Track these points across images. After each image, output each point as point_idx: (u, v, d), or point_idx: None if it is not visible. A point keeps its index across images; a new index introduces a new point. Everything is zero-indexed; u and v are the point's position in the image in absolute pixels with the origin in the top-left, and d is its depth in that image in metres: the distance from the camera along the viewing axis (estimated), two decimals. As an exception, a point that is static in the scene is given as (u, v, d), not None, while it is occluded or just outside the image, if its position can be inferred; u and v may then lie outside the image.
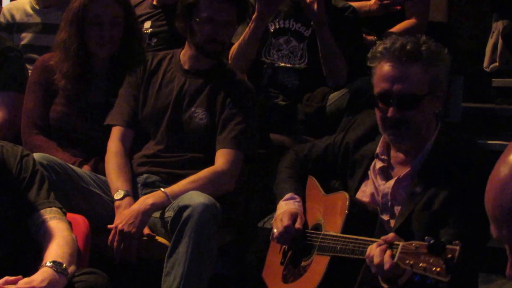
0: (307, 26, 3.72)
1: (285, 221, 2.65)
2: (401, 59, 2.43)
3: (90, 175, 3.13)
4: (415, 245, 2.10)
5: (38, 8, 4.04)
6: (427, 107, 2.45)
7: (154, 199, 2.95)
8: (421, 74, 2.42)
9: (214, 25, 3.15)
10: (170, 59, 3.34)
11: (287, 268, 2.73)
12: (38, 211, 2.45)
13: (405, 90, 2.42)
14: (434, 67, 2.44)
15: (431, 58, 2.43)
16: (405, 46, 2.43)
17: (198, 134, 3.18)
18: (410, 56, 2.42)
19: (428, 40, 2.48)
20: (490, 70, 5.60)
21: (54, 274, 2.21)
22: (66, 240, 2.37)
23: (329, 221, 2.61)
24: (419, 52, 2.43)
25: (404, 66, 2.42)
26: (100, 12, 3.27)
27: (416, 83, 2.42)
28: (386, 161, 2.58)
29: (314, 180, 2.81)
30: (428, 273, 2.01)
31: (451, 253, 1.99)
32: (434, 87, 2.45)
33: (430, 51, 2.44)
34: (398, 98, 2.43)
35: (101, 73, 3.39)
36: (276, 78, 3.74)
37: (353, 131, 2.75)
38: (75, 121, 3.31)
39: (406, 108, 2.43)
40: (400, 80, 2.43)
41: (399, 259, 2.13)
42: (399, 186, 2.51)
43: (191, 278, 2.79)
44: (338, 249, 2.43)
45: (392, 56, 2.44)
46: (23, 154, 2.55)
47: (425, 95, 2.43)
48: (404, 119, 2.44)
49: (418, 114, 2.44)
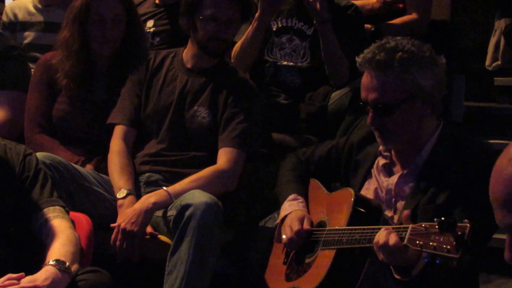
0: (309, 24, 3.72)
1: (295, 226, 2.66)
2: (374, 67, 2.46)
3: (92, 174, 3.13)
4: (425, 226, 2.12)
5: (41, 7, 4.04)
6: (405, 113, 2.46)
7: (157, 198, 2.96)
8: (395, 82, 2.44)
9: (217, 23, 3.15)
10: (172, 57, 3.34)
11: (290, 267, 2.74)
12: (41, 209, 2.46)
13: (378, 100, 2.46)
14: (410, 73, 2.43)
15: (405, 65, 2.43)
16: (375, 56, 2.45)
17: (201, 133, 3.18)
18: (380, 66, 2.45)
19: (405, 47, 2.46)
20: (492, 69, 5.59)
21: (57, 273, 2.22)
22: (69, 239, 2.37)
23: (334, 217, 2.62)
24: (390, 61, 2.43)
25: (377, 75, 2.46)
26: (102, 11, 3.28)
27: (389, 92, 2.44)
28: (388, 158, 2.59)
29: (317, 182, 2.82)
30: (439, 251, 2.04)
31: (462, 230, 2.02)
32: (414, 92, 2.45)
33: (404, 58, 2.44)
34: (372, 106, 2.48)
35: (103, 71, 3.39)
36: (278, 77, 3.75)
37: (357, 132, 2.77)
38: (77, 119, 3.32)
39: (380, 115, 2.47)
40: (374, 89, 2.47)
41: (409, 241, 2.14)
42: (403, 182, 2.52)
43: (193, 277, 2.79)
44: (344, 241, 2.44)
45: (368, 64, 2.48)
46: (26, 153, 2.56)
47: (402, 102, 2.44)
48: (381, 125, 2.49)
49: (394, 121, 2.47)
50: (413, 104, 2.46)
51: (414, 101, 2.46)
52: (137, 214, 2.91)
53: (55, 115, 3.35)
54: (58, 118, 3.34)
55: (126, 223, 2.90)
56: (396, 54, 2.44)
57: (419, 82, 2.44)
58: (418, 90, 2.45)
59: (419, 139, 2.52)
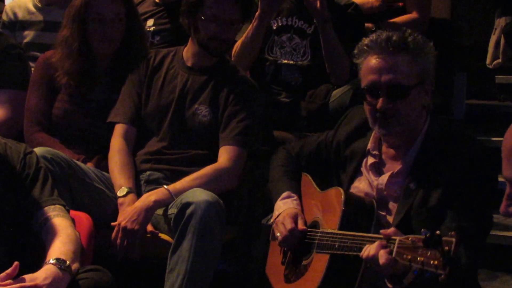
0: (309, 23, 3.72)
1: (288, 224, 2.64)
2: (387, 49, 2.43)
3: (94, 171, 3.13)
4: (412, 239, 2.09)
5: (41, 6, 4.05)
6: (415, 98, 2.45)
7: (157, 196, 2.95)
8: (408, 65, 2.42)
9: (218, 23, 3.15)
10: (173, 56, 3.33)
11: (288, 268, 2.73)
12: (42, 208, 2.45)
13: (393, 80, 2.42)
14: (422, 58, 2.44)
15: (418, 49, 2.43)
16: (391, 37, 2.43)
17: (201, 131, 3.17)
18: (397, 46, 2.43)
19: (413, 33, 2.47)
20: (493, 67, 5.59)
21: (57, 271, 2.21)
22: (69, 238, 2.36)
23: (326, 218, 2.60)
24: (406, 43, 2.43)
25: (391, 57, 2.43)
26: (102, 10, 3.27)
27: (404, 73, 2.42)
28: (377, 157, 2.57)
29: (308, 177, 2.81)
30: (426, 266, 2.00)
31: (447, 245, 1.98)
32: (423, 78, 2.45)
33: (416, 42, 2.44)
34: (387, 88, 2.43)
35: (103, 70, 3.39)
36: (279, 75, 3.75)
37: (343, 127, 2.74)
38: (77, 118, 3.31)
39: (395, 98, 2.43)
40: (388, 70, 2.42)
41: (397, 255, 2.12)
42: (393, 182, 2.50)
43: (195, 275, 2.78)
44: (337, 246, 2.42)
45: (379, 48, 2.44)
46: (27, 151, 2.55)
47: (414, 86, 2.43)
48: (394, 109, 2.44)
49: (407, 105, 2.43)
50: (421, 89, 2.45)
51: (422, 87, 2.45)
52: (138, 212, 2.91)
53: (55, 114, 3.34)
54: (58, 116, 3.34)
55: (126, 222, 2.89)
56: (407, 38, 2.44)
57: (428, 67, 2.45)
58: (425, 77, 2.45)
59: (413, 132, 2.49)
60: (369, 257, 2.22)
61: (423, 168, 2.44)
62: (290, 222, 2.65)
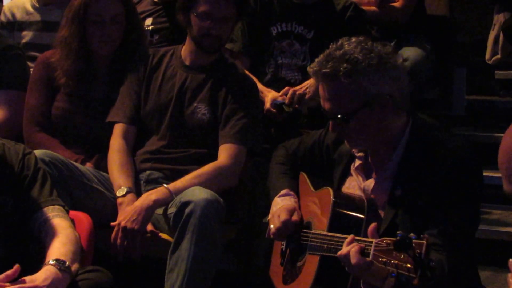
0: (309, 28, 3.71)
1: (282, 216, 2.63)
2: (321, 79, 2.40)
3: (92, 172, 3.12)
4: (386, 241, 2.05)
5: (38, 6, 4.04)
6: (364, 120, 2.39)
7: (157, 195, 2.95)
8: (343, 94, 2.37)
9: (212, 20, 3.14)
10: (171, 55, 3.33)
11: (286, 269, 2.73)
12: (41, 209, 2.45)
13: (332, 109, 2.40)
14: (357, 83, 2.35)
15: (351, 76, 2.34)
16: (321, 69, 2.38)
17: (201, 129, 3.17)
18: (327, 78, 2.38)
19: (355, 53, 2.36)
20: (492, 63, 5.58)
21: (57, 272, 2.21)
22: (69, 238, 2.36)
23: (317, 218, 2.60)
24: (336, 73, 2.35)
25: (326, 87, 2.40)
26: (102, 10, 3.27)
27: (340, 102, 2.38)
28: (362, 159, 2.55)
29: (304, 176, 2.80)
30: (400, 270, 1.97)
31: (419, 248, 1.95)
32: (367, 99, 2.36)
33: (349, 69, 2.34)
34: (330, 116, 2.43)
35: (102, 70, 3.39)
36: (279, 74, 3.74)
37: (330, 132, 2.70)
38: (77, 118, 3.31)
39: (338, 124, 2.42)
40: (326, 99, 2.41)
41: (374, 257, 2.08)
42: (380, 188, 2.47)
43: (195, 275, 2.78)
44: (325, 248, 2.40)
45: (315, 76, 2.43)
46: (25, 152, 2.54)
47: (356, 110, 2.37)
48: (342, 132, 2.44)
49: (355, 128, 2.40)
50: (370, 110, 2.38)
51: (371, 107, 2.37)
52: (138, 212, 2.90)
53: (54, 114, 3.34)
54: (57, 116, 3.33)
55: (126, 221, 2.89)
56: (341, 65, 2.36)
57: (370, 89, 2.35)
58: (371, 97, 2.36)
59: (390, 139, 2.44)
60: (341, 256, 2.18)
61: (407, 174, 2.40)
62: (286, 214, 2.63)
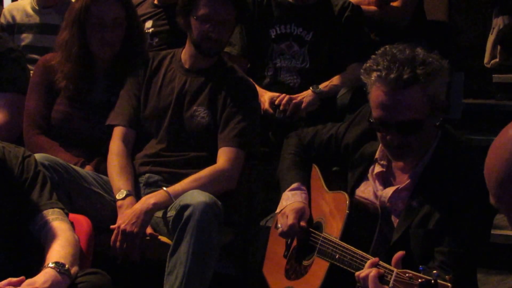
0: (308, 30, 3.71)
1: (290, 219, 2.62)
2: (396, 87, 2.29)
3: (92, 175, 3.13)
4: (409, 275, 2.03)
5: (38, 8, 4.04)
6: (428, 126, 2.36)
7: (156, 198, 2.95)
8: (419, 98, 2.31)
9: (211, 24, 3.15)
10: (171, 58, 3.33)
11: (290, 263, 2.72)
12: (41, 212, 2.45)
13: (403, 117, 2.31)
14: (432, 86, 2.32)
15: (428, 79, 2.30)
16: (401, 75, 2.28)
17: (200, 132, 3.17)
18: (406, 83, 2.29)
19: (425, 57, 2.33)
20: (491, 66, 5.60)
21: (56, 275, 2.21)
22: (68, 241, 2.37)
23: (329, 222, 2.59)
24: (415, 76, 2.29)
25: (400, 94, 2.30)
26: (102, 14, 3.27)
27: (414, 109, 2.31)
28: (385, 167, 2.53)
29: (317, 171, 2.77)
30: None
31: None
32: (434, 103, 2.34)
33: (427, 72, 2.30)
34: (397, 126, 2.33)
35: (102, 72, 3.38)
36: (278, 77, 3.74)
37: (354, 127, 2.67)
38: (77, 121, 3.31)
39: (406, 134, 2.34)
40: (398, 109, 2.31)
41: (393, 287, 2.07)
42: (397, 197, 2.46)
43: (193, 277, 2.78)
44: (337, 258, 2.41)
45: (388, 83, 2.30)
46: (25, 155, 2.55)
47: (428, 116, 2.33)
48: (406, 143, 2.36)
49: (419, 136, 2.36)
50: (434, 115, 2.35)
51: (434, 112, 2.35)
52: (137, 215, 2.91)
53: (54, 117, 3.34)
54: (57, 119, 3.33)
55: (126, 224, 2.89)
56: (418, 67, 2.29)
57: (438, 92, 2.34)
58: (437, 100, 2.34)
59: (422, 150, 2.43)
60: (360, 277, 2.17)
61: (427, 187, 2.38)
62: (293, 217, 2.62)
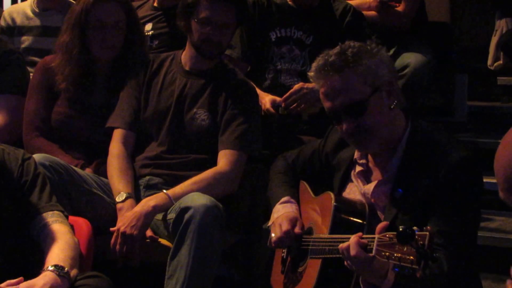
0: (308, 33, 3.71)
1: (284, 226, 2.63)
2: (329, 73, 2.41)
3: (92, 177, 3.12)
4: (389, 236, 2.07)
5: (38, 11, 4.04)
6: (376, 107, 2.41)
7: (156, 201, 2.94)
8: (354, 79, 2.40)
9: (212, 26, 3.14)
10: (171, 60, 3.33)
11: (287, 277, 2.72)
12: (40, 214, 2.45)
13: (346, 100, 2.40)
14: (365, 66, 2.40)
15: (358, 58, 2.40)
16: (328, 60, 2.42)
17: (200, 135, 3.17)
18: (336, 66, 2.40)
19: (352, 43, 2.46)
20: (494, 69, 5.59)
21: (56, 278, 2.20)
22: (68, 244, 2.36)
23: (319, 223, 2.60)
24: (345, 58, 2.40)
25: (335, 78, 2.41)
26: (103, 17, 3.27)
27: (353, 90, 2.40)
28: (364, 165, 2.56)
29: (305, 185, 2.81)
30: (403, 262, 1.99)
31: (422, 240, 1.96)
32: (376, 84, 2.41)
33: (354, 53, 2.41)
34: (344, 110, 2.41)
35: (102, 75, 3.39)
36: (278, 79, 3.73)
37: (331, 137, 2.73)
38: (76, 123, 3.31)
39: (355, 116, 2.41)
40: (337, 93, 2.41)
41: (377, 252, 2.09)
42: (379, 191, 2.48)
43: (194, 281, 2.77)
44: (327, 250, 2.41)
45: (322, 74, 2.43)
46: (24, 157, 2.55)
47: (369, 96, 2.40)
48: (360, 126, 2.42)
49: (370, 116, 2.41)
50: (380, 96, 2.41)
51: (380, 93, 2.41)
52: (137, 217, 2.89)
53: (54, 119, 3.34)
54: (57, 121, 3.33)
55: (125, 227, 2.88)
56: (346, 52, 2.42)
57: (376, 72, 2.41)
58: (379, 81, 2.41)
59: (392, 139, 2.46)
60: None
61: (406, 176, 2.42)
62: (287, 224, 2.64)
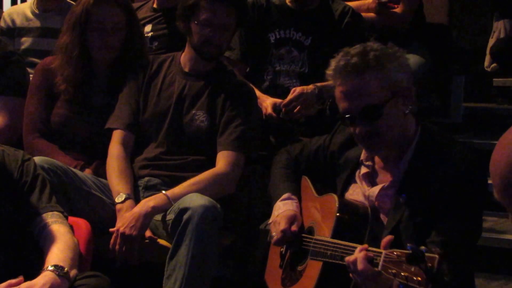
0: (307, 35, 3.72)
1: (282, 225, 2.64)
2: (349, 74, 2.39)
3: (91, 178, 3.13)
4: (397, 253, 2.06)
5: (38, 12, 4.04)
6: (392, 112, 2.41)
7: (156, 201, 2.95)
8: (374, 83, 2.38)
9: (212, 28, 3.15)
10: (170, 61, 3.34)
11: (285, 272, 2.73)
12: (40, 215, 2.45)
13: (363, 103, 2.38)
14: (386, 70, 2.39)
15: (380, 63, 2.39)
16: (349, 61, 2.39)
17: (199, 136, 3.18)
18: (357, 68, 2.38)
19: (375, 45, 2.44)
20: (491, 70, 5.60)
21: (55, 278, 2.21)
22: (67, 244, 2.37)
23: (320, 224, 2.60)
24: (366, 61, 2.38)
25: (355, 80, 2.39)
26: (103, 18, 3.27)
27: (372, 93, 2.38)
28: (370, 167, 2.55)
29: (307, 181, 2.81)
30: (410, 282, 1.98)
31: (431, 262, 1.96)
32: (394, 90, 2.40)
33: (377, 56, 2.39)
34: (360, 113, 2.40)
35: (102, 77, 3.39)
36: (277, 81, 3.74)
37: (338, 135, 2.72)
38: (76, 124, 3.31)
39: (370, 120, 2.40)
40: (356, 95, 2.39)
41: (382, 268, 2.09)
42: (384, 195, 2.48)
43: (192, 281, 2.78)
44: (329, 254, 2.42)
45: (341, 74, 2.41)
46: (24, 158, 2.55)
47: (386, 101, 2.39)
48: (373, 131, 2.41)
49: (385, 122, 2.40)
50: (396, 101, 2.41)
51: (397, 98, 2.41)
52: (136, 218, 2.91)
53: (54, 120, 3.34)
54: (57, 122, 3.33)
55: (125, 227, 2.89)
56: (368, 54, 2.40)
57: (396, 77, 2.40)
58: (397, 86, 2.40)
59: (402, 143, 2.46)
60: (349, 261, 2.21)
61: (413, 181, 2.41)
62: (285, 223, 2.64)
